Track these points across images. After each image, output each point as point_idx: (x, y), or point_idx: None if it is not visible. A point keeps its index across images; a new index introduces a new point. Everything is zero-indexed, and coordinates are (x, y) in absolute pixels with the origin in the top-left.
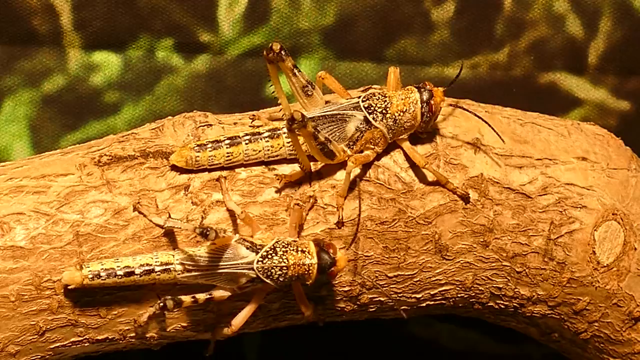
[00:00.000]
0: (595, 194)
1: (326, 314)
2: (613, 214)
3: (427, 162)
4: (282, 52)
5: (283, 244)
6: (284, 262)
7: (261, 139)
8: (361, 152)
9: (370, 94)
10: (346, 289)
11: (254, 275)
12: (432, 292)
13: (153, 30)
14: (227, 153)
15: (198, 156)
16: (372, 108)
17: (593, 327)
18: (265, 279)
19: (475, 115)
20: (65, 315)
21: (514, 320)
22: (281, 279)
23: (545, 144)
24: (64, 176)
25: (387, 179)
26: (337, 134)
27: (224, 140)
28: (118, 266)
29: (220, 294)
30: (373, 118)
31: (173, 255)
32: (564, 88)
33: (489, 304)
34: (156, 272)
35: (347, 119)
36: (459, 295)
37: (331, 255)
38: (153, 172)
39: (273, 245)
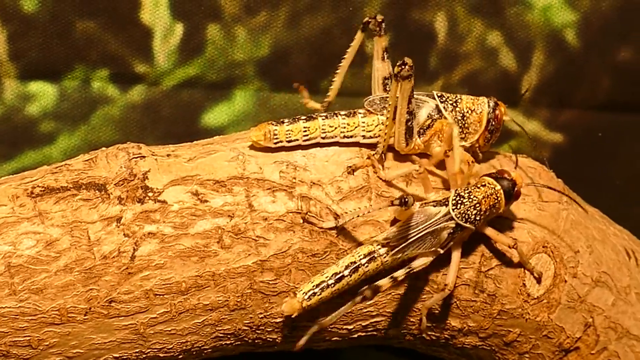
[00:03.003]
0: (525, 226)
1: (258, 346)
2: (543, 247)
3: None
4: (382, 26)
5: (464, 189)
6: (475, 199)
7: (337, 116)
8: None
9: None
10: (278, 320)
11: (454, 225)
12: (363, 324)
13: (88, 60)
14: (304, 127)
15: (276, 129)
16: (444, 98)
17: (524, 359)
18: (464, 224)
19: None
20: None
21: (445, 351)
22: (478, 218)
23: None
24: None
25: (318, 212)
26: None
27: (301, 117)
28: (326, 277)
29: (420, 263)
30: (444, 107)
31: (372, 244)
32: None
33: (420, 336)
34: (363, 265)
35: (420, 104)
36: (390, 326)
37: (507, 177)
38: (85, 203)
39: (455, 193)
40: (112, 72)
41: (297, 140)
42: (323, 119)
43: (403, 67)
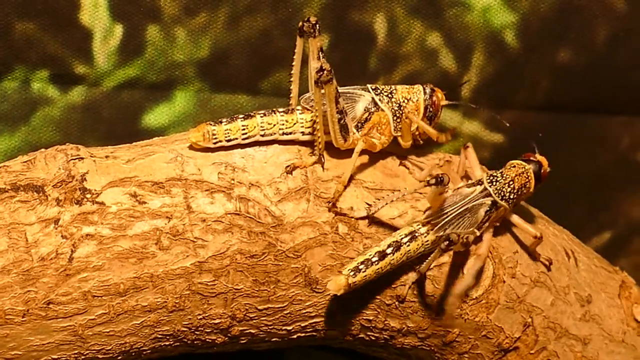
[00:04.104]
0: None
1: (197, 346)
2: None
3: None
4: (317, 27)
5: (495, 172)
6: (508, 177)
7: (276, 113)
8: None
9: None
10: (216, 321)
11: (490, 202)
12: (302, 325)
13: (28, 61)
14: (243, 126)
15: (215, 129)
16: (379, 90)
17: (463, 359)
18: (500, 201)
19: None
20: None
21: (385, 352)
22: (512, 196)
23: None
24: None
25: (257, 213)
26: (347, 112)
27: (239, 115)
28: (370, 255)
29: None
30: (379, 99)
31: (412, 225)
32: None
33: (359, 336)
34: (404, 243)
35: (356, 98)
36: (329, 327)
37: (534, 160)
38: (23, 205)
39: (488, 174)
40: (52, 73)
41: (237, 139)
42: (261, 117)
43: (322, 73)
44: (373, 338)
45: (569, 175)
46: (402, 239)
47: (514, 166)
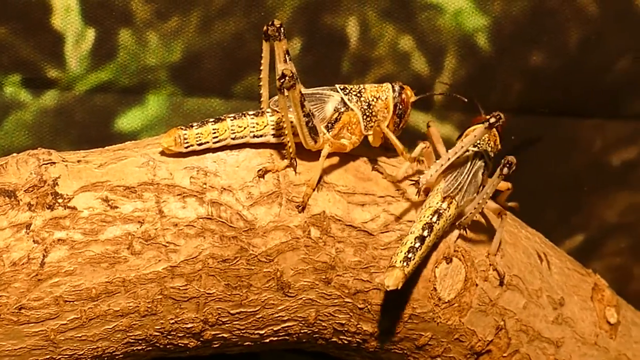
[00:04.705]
0: None
1: (170, 351)
2: (454, 251)
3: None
4: (282, 30)
5: (468, 132)
6: (485, 138)
7: (246, 116)
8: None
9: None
10: (189, 325)
11: (484, 163)
12: (275, 329)
13: (0, 66)
14: (213, 129)
15: (186, 134)
16: (347, 90)
17: None
18: (489, 161)
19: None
20: None
21: (358, 355)
22: (492, 154)
23: (387, 181)
24: None
25: (229, 217)
26: (317, 113)
27: (210, 119)
28: (411, 242)
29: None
30: (348, 99)
31: (431, 205)
32: (410, 124)
33: (332, 340)
34: (435, 222)
35: (325, 99)
36: (302, 331)
37: (485, 118)
38: None
39: (466, 134)
40: (24, 77)
41: (208, 142)
42: (232, 120)
43: (283, 79)
44: (346, 342)
45: (542, 178)
46: (431, 219)
47: (481, 122)
